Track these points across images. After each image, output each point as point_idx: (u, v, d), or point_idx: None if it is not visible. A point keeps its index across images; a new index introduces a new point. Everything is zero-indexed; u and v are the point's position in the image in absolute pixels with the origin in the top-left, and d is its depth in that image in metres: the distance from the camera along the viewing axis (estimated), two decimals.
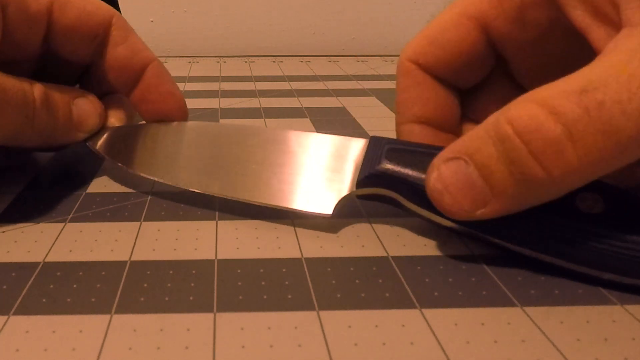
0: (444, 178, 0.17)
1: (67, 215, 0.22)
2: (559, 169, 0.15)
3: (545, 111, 0.15)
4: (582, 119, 0.15)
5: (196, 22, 0.64)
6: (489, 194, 0.17)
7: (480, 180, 0.17)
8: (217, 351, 0.15)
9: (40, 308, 0.16)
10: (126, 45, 0.25)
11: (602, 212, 0.17)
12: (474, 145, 0.17)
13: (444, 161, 0.17)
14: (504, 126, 0.16)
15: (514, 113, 0.16)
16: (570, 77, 0.16)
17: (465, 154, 0.17)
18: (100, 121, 0.25)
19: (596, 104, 0.15)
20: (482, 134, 0.17)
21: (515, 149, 0.16)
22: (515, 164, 0.16)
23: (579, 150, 0.15)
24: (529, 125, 0.15)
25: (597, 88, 0.15)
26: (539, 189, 0.16)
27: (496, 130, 0.16)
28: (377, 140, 0.21)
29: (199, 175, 0.23)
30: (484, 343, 0.15)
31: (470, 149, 0.17)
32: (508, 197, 0.16)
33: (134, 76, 0.26)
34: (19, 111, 0.21)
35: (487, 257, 0.20)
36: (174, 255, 0.19)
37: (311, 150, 0.23)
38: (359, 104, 0.41)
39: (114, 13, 0.25)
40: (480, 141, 0.17)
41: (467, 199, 0.17)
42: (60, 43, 0.24)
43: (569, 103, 0.15)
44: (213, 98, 0.42)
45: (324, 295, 0.17)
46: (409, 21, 0.67)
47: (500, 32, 0.21)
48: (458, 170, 0.17)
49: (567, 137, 0.15)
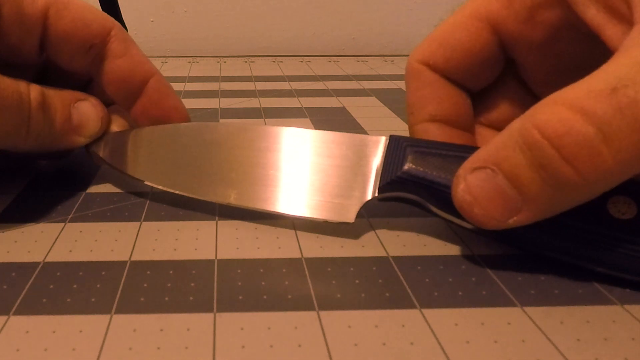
0: (471, 189, 0.17)
1: (67, 215, 0.22)
2: (594, 172, 0.15)
3: (575, 113, 0.15)
4: (614, 118, 0.14)
5: (196, 22, 0.64)
6: (520, 202, 0.16)
7: (510, 189, 0.16)
8: (217, 351, 0.15)
9: (40, 308, 0.16)
10: (126, 58, 0.24)
11: (634, 217, 0.17)
12: (500, 154, 0.16)
13: (470, 171, 0.17)
14: (532, 132, 0.15)
15: (542, 118, 0.15)
16: (593, 76, 0.15)
17: (492, 163, 0.17)
18: (103, 126, 0.24)
19: (629, 101, 0.14)
20: (507, 141, 0.16)
21: (545, 154, 0.15)
22: (547, 170, 0.15)
23: (614, 150, 0.15)
24: (558, 129, 0.15)
25: (628, 85, 0.14)
26: (572, 192, 0.16)
27: (523, 136, 0.16)
28: (397, 140, 0.21)
29: (214, 185, 0.22)
30: (484, 343, 0.15)
31: (496, 157, 0.16)
32: (540, 204, 0.16)
33: (135, 90, 0.25)
34: (13, 112, 0.21)
35: (487, 257, 0.20)
36: (174, 255, 0.19)
37: (327, 151, 0.22)
38: (359, 104, 0.41)
39: (114, 25, 0.24)
40: (507, 149, 0.16)
41: (498, 208, 0.17)
42: (55, 50, 0.24)
43: (600, 103, 0.15)
44: (213, 98, 0.42)
45: (325, 295, 0.17)
46: (408, 21, 0.67)
47: (511, 33, 0.21)
48: (486, 180, 0.17)
49: (601, 138, 0.15)
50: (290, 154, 0.22)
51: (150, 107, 0.25)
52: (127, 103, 0.25)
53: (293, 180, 0.21)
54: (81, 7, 0.24)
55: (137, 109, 0.25)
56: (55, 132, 0.23)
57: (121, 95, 0.25)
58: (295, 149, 0.22)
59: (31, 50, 0.23)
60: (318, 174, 0.21)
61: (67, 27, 0.23)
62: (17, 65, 0.24)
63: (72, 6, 0.23)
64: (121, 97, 0.25)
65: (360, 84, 0.48)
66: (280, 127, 0.23)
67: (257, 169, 0.22)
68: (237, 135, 0.23)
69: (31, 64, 0.24)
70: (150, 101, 0.25)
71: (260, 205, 0.21)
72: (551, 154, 0.15)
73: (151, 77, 0.25)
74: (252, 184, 0.22)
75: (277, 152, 0.22)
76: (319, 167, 0.21)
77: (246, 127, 0.24)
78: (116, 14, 0.43)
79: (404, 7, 0.66)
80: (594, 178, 0.15)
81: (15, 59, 0.23)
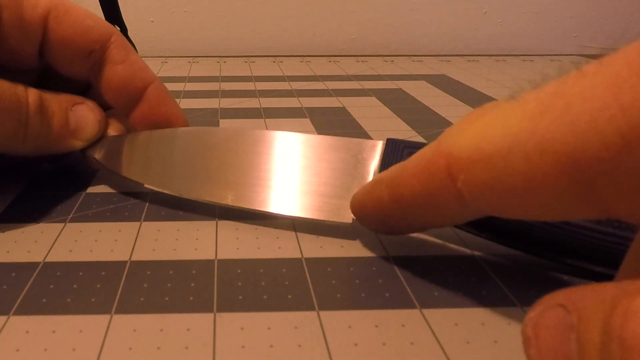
0: (540, 327, 0.13)
1: (67, 215, 0.22)
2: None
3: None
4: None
5: (196, 22, 0.64)
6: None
7: (576, 356, 0.12)
8: (217, 351, 0.15)
9: (40, 308, 0.16)
10: (125, 65, 0.24)
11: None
12: (586, 308, 0.12)
13: (553, 306, 0.13)
14: (617, 320, 0.11)
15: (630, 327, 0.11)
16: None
17: (577, 312, 0.12)
18: (100, 129, 0.24)
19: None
20: (599, 299, 0.12)
21: (613, 358, 0.11)
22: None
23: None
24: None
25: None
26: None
27: (607, 312, 0.11)
28: (394, 142, 0.21)
29: (211, 186, 0.22)
30: (484, 343, 0.15)
31: (583, 309, 0.12)
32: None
33: (134, 97, 0.25)
34: (11, 115, 0.21)
35: (487, 257, 0.20)
36: (174, 255, 0.19)
37: (324, 155, 0.22)
38: (359, 104, 0.41)
39: (113, 31, 0.24)
40: (594, 308, 0.12)
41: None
42: (55, 55, 0.24)
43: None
44: (213, 98, 0.42)
45: (324, 295, 0.17)
46: (408, 21, 0.67)
47: None
48: (561, 329, 0.12)
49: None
50: (287, 157, 0.22)
51: (149, 114, 0.25)
52: (126, 109, 0.25)
53: (290, 182, 0.21)
54: (82, 14, 0.23)
55: (136, 116, 0.25)
56: (53, 135, 0.23)
57: (120, 102, 0.25)
58: (292, 153, 0.22)
59: (31, 54, 0.23)
60: (316, 177, 0.21)
61: (67, 33, 0.23)
62: (18, 69, 0.23)
63: (73, 12, 0.23)
64: (120, 104, 0.25)
65: (360, 84, 0.48)
66: (276, 132, 0.23)
67: (254, 171, 0.22)
68: (234, 140, 0.23)
69: (31, 68, 0.24)
70: (149, 108, 0.25)
71: (258, 206, 0.21)
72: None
73: (150, 84, 0.25)
74: (249, 185, 0.22)
75: (274, 156, 0.22)
76: (316, 170, 0.21)
77: (243, 131, 0.24)
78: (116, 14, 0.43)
79: (404, 7, 0.66)
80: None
81: (15, 63, 0.23)
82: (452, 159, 0.14)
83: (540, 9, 0.68)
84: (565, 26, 0.70)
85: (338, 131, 0.34)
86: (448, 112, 0.39)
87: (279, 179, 0.22)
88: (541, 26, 0.69)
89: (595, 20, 0.70)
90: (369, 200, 0.18)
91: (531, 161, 0.12)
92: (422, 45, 0.68)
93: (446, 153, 0.14)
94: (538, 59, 0.65)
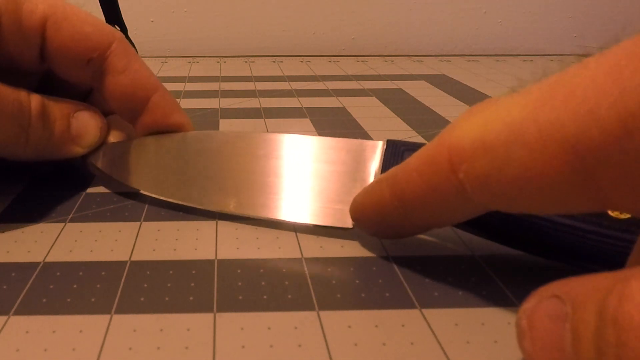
0: (534, 318, 0.13)
1: (67, 215, 0.22)
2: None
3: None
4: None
5: (196, 22, 0.64)
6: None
7: (569, 346, 0.12)
8: (217, 351, 0.15)
9: (40, 308, 0.16)
10: (127, 74, 0.24)
11: (633, 217, 0.17)
12: (580, 296, 0.12)
13: (548, 297, 0.13)
14: (611, 303, 0.11)
15: (628, 299, 0.10)
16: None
17: (571, 301, 0.12)
18: (101, 136, 0.24)
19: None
20: (593, 287, 0.12)
21: (608, 342, 0.11)
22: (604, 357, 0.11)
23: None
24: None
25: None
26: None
27: (602, 298, 0.11)
28: (394, 144, 0.21)
29: (212, 193, 0.22)
30: (484, 343, 0.15)
31: (577, 297, 0.12)
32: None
33: (138, 107, 0.24)
34: (13, 120, 0.21)
35: (487, 257, 0.20)
36: (174, 255, 0.19)
37: (324, 157, 0.22)
38: (359, 104, 0.41)
39: (114, 38, 0.24)
40: (588, 296, 0.12)
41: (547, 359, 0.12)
42: (54, 61, 0.23)
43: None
44: (213, 98, 0.42)
45: (324, 295, 0.17)
46: (408, 21, 0.67)
47: None
48: (554, 319, 0.12)
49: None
50: (288, 160, 0.22)
51: (153, 125, 0.25)
52: (130, 118, 0.25)
53: (291, 186, 0.21)
54: (81, 20, 0.23)
55: (141, 125, 0.25)
56: (54, 141, 0.23)
57: (124, 111, 0.25)
58: (292, 156, 0.22)
59: (32, 59, 0.23)
60: (316, 180, 0.21)
61: (65, 40, 0.23)
62: (20, 73, 0.23)
63: (72, 18, 0.23)
64: (124, 113, 0.25)
65: (360, 84, 0.48)
66: (277, 134, 0.23)
67: (255, 176, 0.22)
68: (234, 143, 0.23)
69: (33, 71, 0.24)
70: (153, 118, 0.24)
71: (260, 213, 0.21)
72: (611, 346, 0.11)
73: (154, 93, 0.24)
74: (251, 191, 0.22)
75: (275, 159, 0.22)
76: (317, 173, 0.21)
77: (243, 135, 0.23)
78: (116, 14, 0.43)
79: (404, 7, 0.66)
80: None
81: (16, 66, 0.23)
82: (453, 150, 0.14)
83: (540, 9, 0.68)
84: (565, 26, 0.70)
85: (338, 131, 0.34)
86: (448, 112, 0.39)
87: (280, 184, 0.22)
88: (541, 26, 0.69)
89: (595, 20, 0.70)
90: (369, 200, 0.18)
91: (532, 150, 0.12)
92: (422, 45, 0.67)
93: (448, 145, 0.14)
94: (538, 59, 0.65)
